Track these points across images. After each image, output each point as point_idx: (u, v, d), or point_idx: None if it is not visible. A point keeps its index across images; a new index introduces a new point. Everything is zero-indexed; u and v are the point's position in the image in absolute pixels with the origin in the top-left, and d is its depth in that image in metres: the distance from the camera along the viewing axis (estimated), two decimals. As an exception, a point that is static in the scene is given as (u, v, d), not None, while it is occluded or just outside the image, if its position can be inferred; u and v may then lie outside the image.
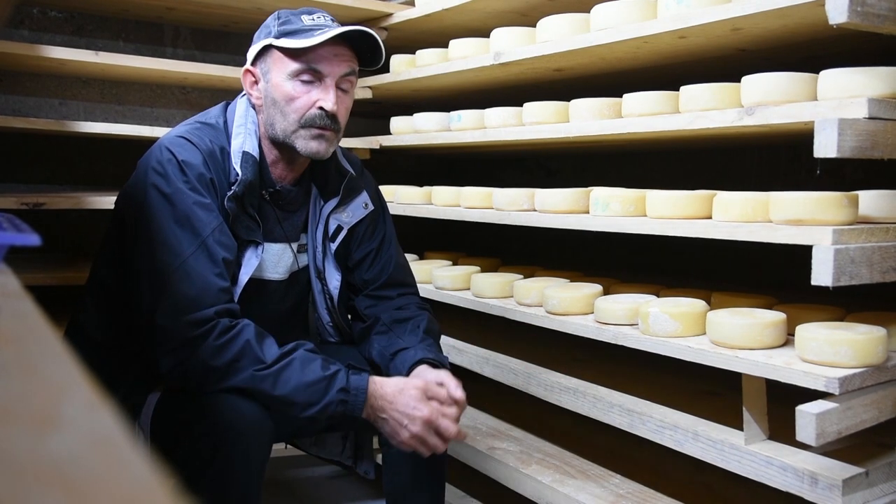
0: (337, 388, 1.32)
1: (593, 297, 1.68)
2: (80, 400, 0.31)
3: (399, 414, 1.34)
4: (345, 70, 1.44)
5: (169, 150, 1.38)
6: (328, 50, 1.41)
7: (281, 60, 1.43)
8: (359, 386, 1.34)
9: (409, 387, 1.37)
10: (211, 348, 1.28)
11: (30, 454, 0.26)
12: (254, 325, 1.34)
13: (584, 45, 1.71)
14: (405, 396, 1.35)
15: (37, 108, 2.44)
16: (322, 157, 1.47)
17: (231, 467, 1.26)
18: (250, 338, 1.31)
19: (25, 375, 0.33)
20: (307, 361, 1.33)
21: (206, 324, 1.29)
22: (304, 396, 1.31)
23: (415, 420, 1.34)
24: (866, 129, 1.17)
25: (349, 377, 1.34)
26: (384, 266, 1.64)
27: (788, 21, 1.38)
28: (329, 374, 1.32)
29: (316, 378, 1.31)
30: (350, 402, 1.33)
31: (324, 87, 1.43)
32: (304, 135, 1.44)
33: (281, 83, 1.43)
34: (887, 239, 1.24)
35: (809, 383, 1.19)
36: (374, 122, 2.91)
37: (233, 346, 1.29)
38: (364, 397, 1.34)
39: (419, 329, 1.55)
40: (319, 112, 1.42)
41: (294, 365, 1.31)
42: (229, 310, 1.34)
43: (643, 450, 1.77)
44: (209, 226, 1.35)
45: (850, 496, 1.19)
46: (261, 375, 1.29)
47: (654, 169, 2.52)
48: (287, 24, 1.43)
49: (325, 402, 1.31)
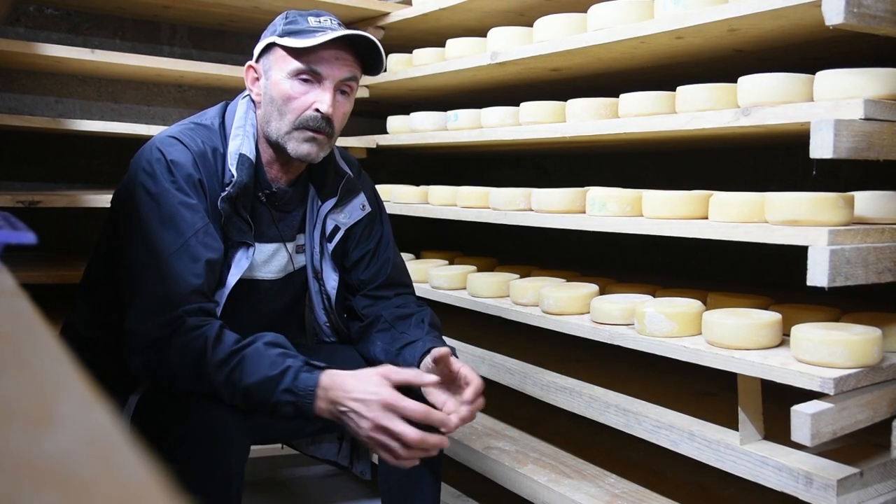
0: (282, 388, 1.24)
1: (589, 297, 1.68)
2: (76, 398, 0.31)
3: (355, 402, 1.23)
4: (345, 74, 1.43)
5: (159, 150, 1.38)
6: (330, 53, 1.41)
7: (283, 59, 1.42)
8: (307, 385, 1.25)
9: (369, 373, 1.27)
10: (173, 348, 1.27)
11: (24, 452, 0.26)
12: (218, 325, 1.29)
13: (581, 45, 1.71)
14: (362, 383, 1.25)
15: (33, 106, 2.43)
16: (313, 161, 1.46)
17: (209, 469, 1.24)
18: (209, 336, 1.26)
19: (20, 373, 0.33)
20: (256, 359, 1.26)
21: (173, 324, 1.28)
22: (254, 397, 1.25)
23: (370, 404, 1.22)
24: (862, 130, 1.17)
25: (298, 375, 1.25)
26: (382, 266, 1.64)
27: (785, 22, 1.38)
28: (275, 373, 1.25)
29: (261, 378, 1.25)
30: (299, 403, 1.25)
31: (322, 89, 1.42)
32: (296, 137, 1.43)
33: (280, 81, 1.42)
34: (883, 240, 1.25)
35: (805, 384, 1.19)
36: (371, 122, 2.91)
37: (192, 345, 1.26)
38: (313, 396, 1.24)
39: (424, 323, 1.55)
40: (314, 114, 1.41)
41: (242, 364, 1.26)
42: (202, 309, 1.31)
43: (639, 450, 1.78)
44: (193, 226, 1.34)
45: (845, 496, 1.19)
46: (215, 377, 1.26)
47: (650, 169, 2.52)
48: (293, 24, 1.43)
49: (273, 403, 1.25)
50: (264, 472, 2.30)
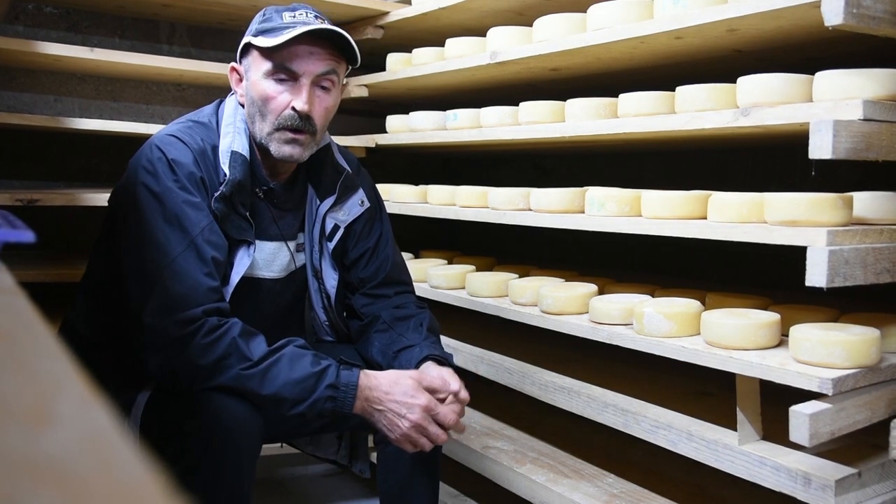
0: (325, 385, 1.30)
1: (588, 297, 1.68)
2: (75, 397, 0.31)
3: (396, 404, 1.33)
4: (321, 69, 1.40)
5: (159, 149, 1.38)
6: (303, 48, 1.38)
7: (257, 59, 1.41)
8: (349, 382, 1.33)
9: (404, 377, 1.37)
10: (198, 347, 1.28)
11: (24, 451, 0.26)
12: (241, 324, 1.32)
13: (581, 44, 1.71)
14: (401, 387, 1.35)
15: (31, 105, 2.43)
16: (297, 161, 1.46)
17: (221, 467, 1.25)
18: (237, 335, 1.29)
19: (19, 372, 0.33)
20: (296, 358, 1.31)
21: (194, 323, 1.28)
22: (292, 394, 1.29)
23: (413, 408, 1.33)
24: (861, 130, 1.18)
25: (339, 373, 1.33)
26: (381, 264, 1.64)
27: (784, 22, 1.38)
28: (318, 370, 1.31)
29: (304, 375, 1.30)
30: (339, 399, 1.31)
31: (298, 87, 1.40)
32: (277, 138, 1.42)
33: (258, 82, 1.41)
34: (881, 240, 1.25)
35: (803, 384, 1.19)
36: (370, 121, 2.90)
37: (219, 344, 1.28)
38: (354, 393, 1.32)
39: (422, 327, 1.55)
40: (292, 113, 1.40)
41: (282, 362, 1.30)
42: (218, 309, 1.33)
43: (637, 449, 1.78)
44: (198, 225, 1.34)
45: (843, 496, 1.19)
46: (248, 374, 1.28)
47: (649, 169, 2.52)
48: (266, 22, 1.41)
49: (314, 399, 1.30)
50: (263, 471, 2.30)
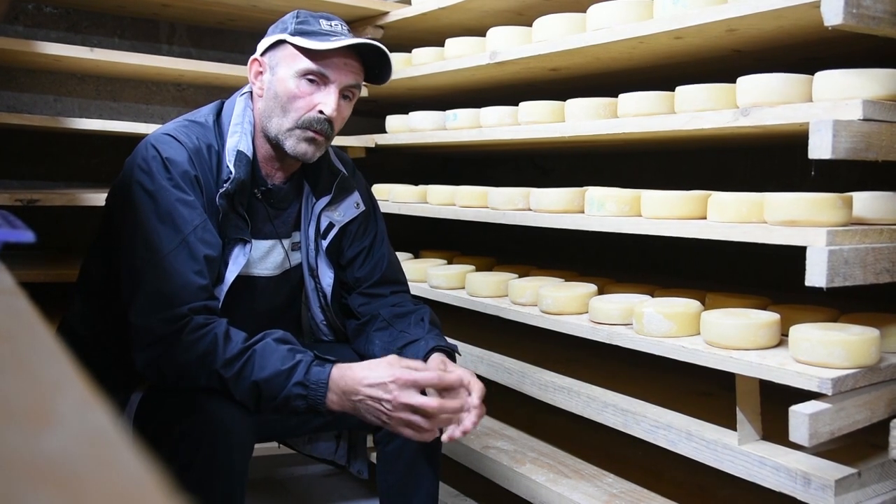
0: (294, 382, 1.28)
1: (588, 297, 1.68)
2: (74, 397, 0.31)
3: (371, 388, 1.28)
4: (351, 81, 1.45)
5: (154, 148, 1.38)
6: (340, 58, 1.42)
7: (292, 57, 1.43)
8: (318, 379, 1.29)
9: (378, 362, 1.33)
10: (182, 345, 1.28)
11: (23, 451, 0.26)
12: (226, 322, 1.32)
13: (580, 44, 1.72)
14: (374, 371, 1.30)
15: (31, 105, 2.43)
16: (308, 160, 1.47)
17: (213, 467, 1.25)
18: (219, 333, 1.29)
19: (19, 372, 0.33)
20: (267, 354, 1.29)
21: (180, 321, 1.29)
22: (264, 392, 1.28)
23: (387, 386, 1.28)
24: (861, 130, 1.18)
25: (309, 369, 1.29)
26: (377, 264, 1.64)
27: (784, 22, 1.38)
28: (287, 367, 1.28)
29: (272, 373, 1.28)
30: (310, 396, 1.29)
31: (327, 92, 1.43)
32: (297, 135, 1.43)
33: (286, 79, 1.43)
34: (881, 240, 1.25)
35: (803, 384, 1.19)
36: (370, 121, 2.90)
37: (201, 343, 1.28)
38: (325, 388, 1.29)
39: (424, 321, 1.55)
40: (318, 115, 1.42)
41: (253, 359, 1.29)
42: (206, 307, 1.32)
43: (637, 449, 1.78)
44: (191, 223, 1.35)
45: (843, 496, 1.19)
46: (226, 374, 1.28)
47: (649, 169, 2.52)
48: (305, 24, 1.44)
49: (284, 397, 1.28)
50: (261, 472, 2.30)
